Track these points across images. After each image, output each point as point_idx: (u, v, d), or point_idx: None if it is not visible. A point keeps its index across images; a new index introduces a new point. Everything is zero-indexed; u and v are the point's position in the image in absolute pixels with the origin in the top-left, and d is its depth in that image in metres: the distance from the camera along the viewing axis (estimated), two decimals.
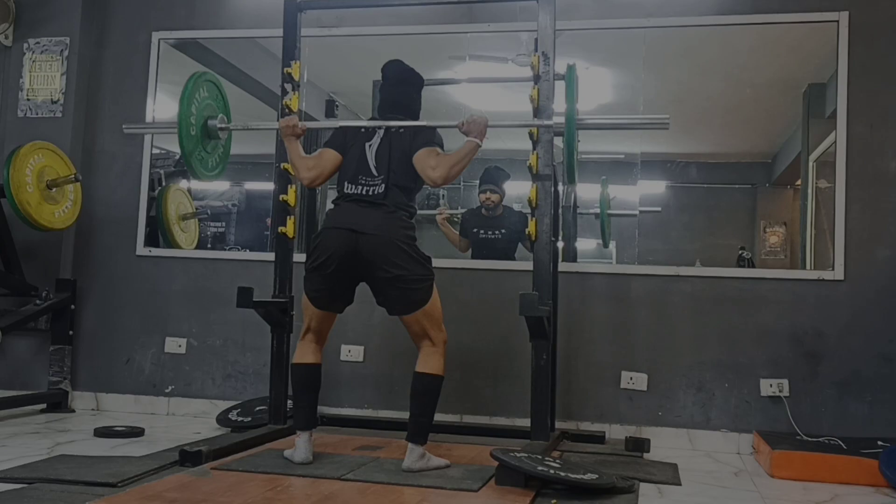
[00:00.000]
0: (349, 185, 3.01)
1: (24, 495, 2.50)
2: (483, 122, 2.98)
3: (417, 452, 2.89)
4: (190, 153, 3.27)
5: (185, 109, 3.22)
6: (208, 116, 3.35)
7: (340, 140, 3.12)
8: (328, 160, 3.09)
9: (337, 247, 2.90)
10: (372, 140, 3.06)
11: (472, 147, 2.95)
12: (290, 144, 3.16)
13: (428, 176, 2.93)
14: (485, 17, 4.27)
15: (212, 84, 3.41)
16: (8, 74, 4.62)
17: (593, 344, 4.02)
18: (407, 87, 3.19)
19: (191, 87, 3.27)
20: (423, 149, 2.97)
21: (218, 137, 3.39)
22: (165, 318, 4.46)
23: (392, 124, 3.07)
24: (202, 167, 3.37)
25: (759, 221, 4.21)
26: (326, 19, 4.37)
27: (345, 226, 2.91)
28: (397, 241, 2.88)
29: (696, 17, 4.08)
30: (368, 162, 3.02)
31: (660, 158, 4.30)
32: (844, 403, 3.77)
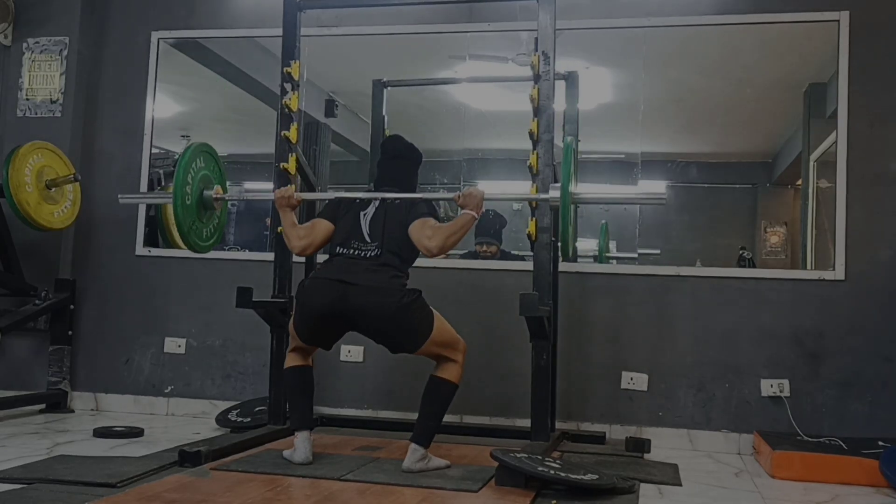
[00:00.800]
0: (340, 248, 3.01)
1: (23, 495, 2.49)
2: (479, 195, 2.99)
3: (419, 454, 2.88)
4: (188, 230, 3.23)
5: (181, 181, 3.18)
6: (204, 187, 3.32)
7: (333, 210, 3.14)
8: (320, 230, 3.10)
9: (324, 302, 2.88)
10: (367, 209, 3.07)
11: (469, 219, 2.96)
12: (284, 214, 3.18)
13: (424, 246, 2.92)
14: (485, 17, 4.27)
15: (208, 154, 3.39)
16: (7, 74, 4.61)
17: (593, 344, 4.02)
18: (404, 162, 3.23)
19: (187, 159, 3.22)
20: (419, 219, 2.97)
21: (213, 208, 3.38)
22: (165, 318, 4.45)
23: (388, 196, 3.07)
24: (197, 238, 3.34)
25: (760, 221, 4.21)
26: (326, 19, 4.36)
27: (334, 277, 2.90)
28: (388, 294, 2.85)
29: (696, 17, 4.08)
30: (362, 228, 3.02)
31: (660, 158, 4.29)
32: (845, 404, 3.77)
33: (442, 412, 2.96)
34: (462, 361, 3.00)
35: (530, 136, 3.38)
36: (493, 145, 4.38)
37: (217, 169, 3.43)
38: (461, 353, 3.00)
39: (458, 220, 2.95)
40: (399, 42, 4.36)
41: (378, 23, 4.36)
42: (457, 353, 2.99)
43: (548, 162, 3.33)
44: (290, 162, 3.59)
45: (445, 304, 3.06)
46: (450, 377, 2.95)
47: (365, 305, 2.85)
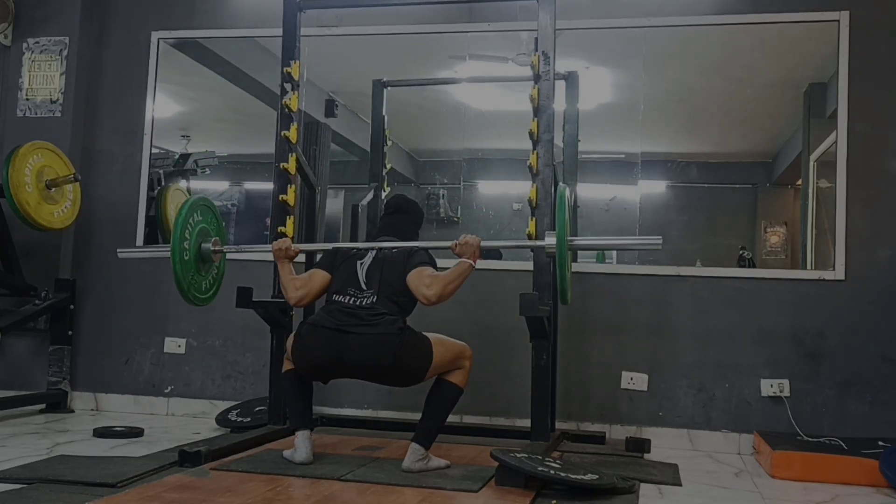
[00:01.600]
0: (337, 296, 3.00)
1: (23, 495, 2.49)
2: (476, 243, 2.97)
3: (419, 454, 2.88)
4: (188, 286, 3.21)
5: (179, 236, 3.15)
6: (202, 241, 3.32)
7: (331, 261, 3.14)
8: (316, 280, 3.10)
9: (322, 353, 2.89)
10: (364, 259, 3.07)
11: (466, 267, 2.95)
12: (283, 266, 3.17)
13: (422, 294, 2.92)
14: (485, 17, 4.27)
15: (205, 207, 3.39)
16: (7, 74, 4.62)
17: (593, 344, 4.02)
18: (405, 216, 3.26)
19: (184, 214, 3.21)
20: (417, 268, 2.97)
21: (212, 260, 3.38)
22: (165, 318, 4.45)
23: (385, 245, 3.08)
24: (196, 293, 3.34)
25: (760, 221, 4.21)
26: (326, 19, 4.36)
27: (332, 326, 2.89)
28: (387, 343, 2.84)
29: (696, 17, 4.08)
30: (359, 277, 3.02)
31: (660, 158, 4.29)
32: (845, 404, 3.77)
33: (445, 415, 2.97)
34: (469, 367, 3.00)
35: (530, 136, 3.38)
36: (493, 145, 4.38)
37: (214, 220, 3.43)
38: (468, 359, 3.01)
39: (455, 269, 2.94)
40: (399, 42, 4.36)
41: (378, 23, 4.36)
42: (463, 361, 2.99)
43: (548, 162, 3.33)
44: (290, 162, 3.60)
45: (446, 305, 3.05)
46: (457, 381, 2.97)
47: (361, 362, 2.86)
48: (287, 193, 3.57)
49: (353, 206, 4.23)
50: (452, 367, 2.97)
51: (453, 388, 2.96)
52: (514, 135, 3.83)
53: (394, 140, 4.32)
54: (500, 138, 4.40)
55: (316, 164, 4.51)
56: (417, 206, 3.35)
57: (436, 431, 2.96)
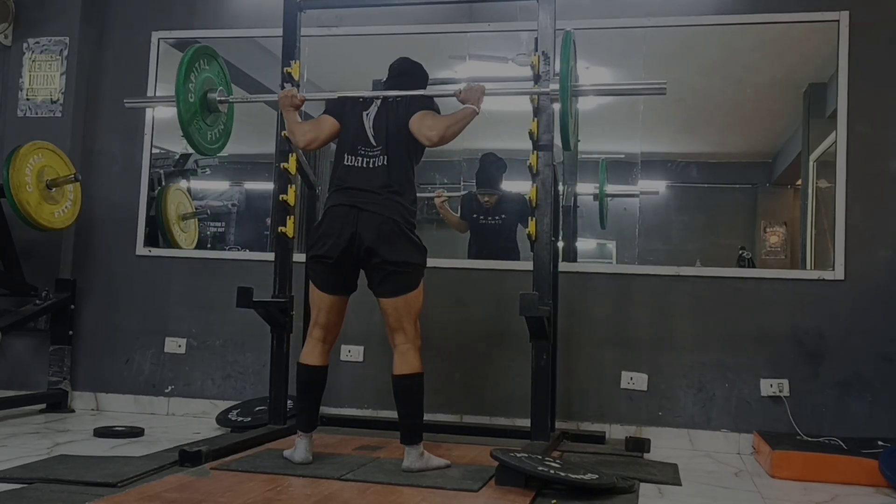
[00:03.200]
0: (349, 157, 3.02)
1: (23, 495, 2.50)
2: (480, 89, 3.02)
3: (416, 452, 2.88)
4: (188, 122, 3.23)
5: (183, 78, 3.18)
6: (208, 89, 3.32)
7: (339, 108, 3.13)
8: (325, 126, 3.11)
9: (341, 228, 2.89)
10: (369, 109, 3.07)
11: (470, 112, 2.99)
12: (289, 114, 3.19)
13: (425, 135, 2.95)
14: (485, 17, 4.27)
15: (211, 57, 3.39)
16: (7, 74, 4.62)
17: (593, 344, 4.02)
18: (408, 79, 3.22)
19: (189, 58, 3.23)
20: (420, 112, 3.00)
21: (218, 111, 3.36)
22: (165, 318, 4.46)
23: (390, 94, 3.09)
24: (201, 138, 3.32)
25: (760, 221, 4.21)
26: (326, 19, 4.37)
27: (346, 202, 2.92)
28: (397, 224, 2.89)
29: (696, 17, 4.08)
30: (367, 131, 3.02)
31: (660, 158, 4.29)
32: (845, 403, 3.77)
33: (419, 405, 2.93)
34: (419, 347, 2.96)
35: (530, 136, 3.38)
36: (493, 145, 4.37)
37: (220, 72, 3.43)
38: (418, 336, 2.97)
39: (459, 112, 2.97)
40: (399, 42, 4.36)
41: (378, 23, 4.36)
42: (415, 334, 2.96)
43: (548, 162, 3.33)
44: (291, 162, 3.60)
45: (445, 304, 3.07)
46: (412, 369, 2.91)
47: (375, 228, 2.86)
48: (287, 193, 3.57)
49: None
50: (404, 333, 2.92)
51: (413, 378, 2.91)
52: (514, 135, 3.83)
53: None
54: (500, 138, 4.40)
55: (316, 165, 4.51)
56: (422, 68, 3.29)
57: (419, 425, 2.93)
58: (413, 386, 2.92)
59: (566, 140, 3.11)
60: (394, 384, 2.93)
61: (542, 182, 3.32)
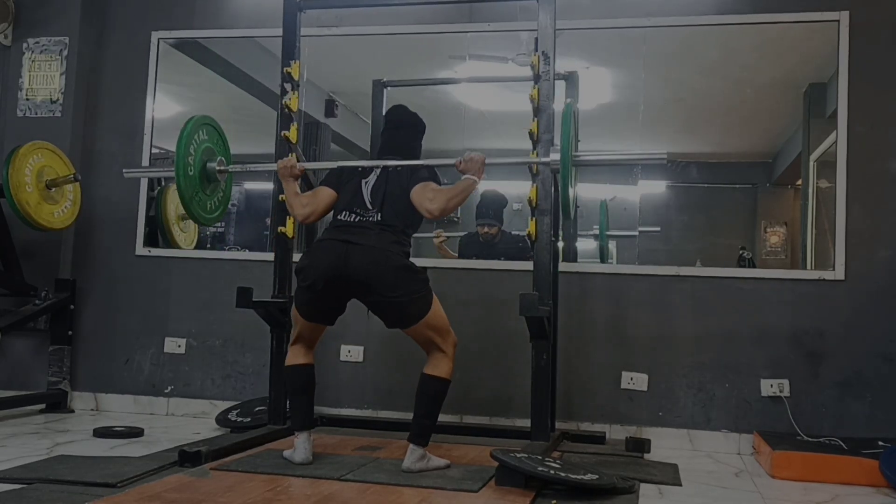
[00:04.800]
0: (344, 213, 3.02)
1: (23, 495, 2.49)
2: (480, 160, 3.01)
3: (418, 453, 2.88)
4: (190, 198, 3.22)
5: (183, 152, 3.17)
6: (207, 160, 3.31)
7: (336, 179, 3.15)
8: (323, 198, 3.11)
9: (327, 264, 2.87)
10: (368, 178, 3.08)
11: (470, 183, 2.99)
12: (287, 184, 3.20)
13: (425, 207, 2.94)
14: (485, 17, 4.27)
15: (210, 127, 3.39)
16: (7, 74, 4.62)
17: (593, 344, 4.02)
18: (408, 130, 3.24)
19: (189, 130, 3.22)
20: (421, 183, 2.99)
21: (217, 180, 3.37)
22: (165, 318, 4.46)
23: (390, 163, 3.08)
24: (202, 210, 3.33)
25: (760, 221, 4.21)
26: (326, 19, 4.37)
27: (337, 237, 2.92)
28: (390, 255, 2.87)
29: (696, 17, 4.08)
30: (364, 196, 3.03)
31: None
32: (845, 404, 3.77)
33: (437, 409, 2.95)
34: (452, 355, 2.99)
35: (530, 136, 3.38)
36: (493, 145, 4.38)
37: (220, 141, 3.42)
38: (452, 345, 2.99)
39: (459, 183, 2.97)
40: (399, 42, 4.36)
41: (378, 23, 4.36)
42: (447, 345, 2.97)
43: None
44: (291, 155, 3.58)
45: (445, 304, 3.06)
46: (441, 373, 2.94)
47: (366, 264, 2.84)
48: None
49: None
50: (437, 345, 2.94)
51: (439, 381, 2.94)
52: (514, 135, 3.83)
53: None
54: (500, 138, 4.41)
55: None
56: (418, 118, 3.28)
57: (430, 428, 2.94)
58: (437, 389, 2.95)
59: (566, 208, 3.11)
60: (420, 381, 2.96)
61: (542, 182, 3.32)
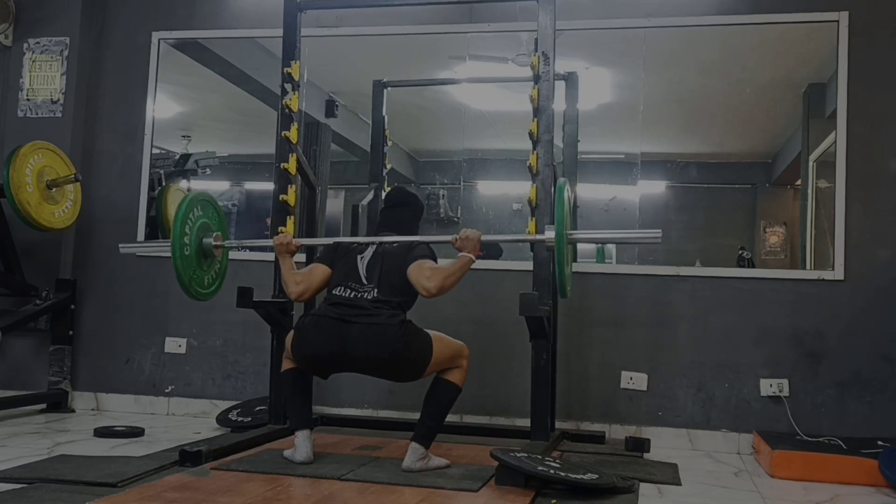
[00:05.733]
0: (339, 288, 3.01)
1: (23, 495, 2.49)
2: (476, 237, 3.00)
3: (419, 453, 2.89)
4: (189, 280, 3.21)
5: (179, 232, 3.15)
6: (203, 236, 3.32)
7: (331, 255, 3.15)
8: (317, 274, 3.11)
9: (324, 344, 2.88)
10: (365, 253, 3.08)
11: (466, 261, 2.98)
12: (284, 261, 3.19)
13: (423, 286, 2.92)
14: (485, 17, 4.27)
15: (206, 202, 3.38)
16: (8, 74, 4.62)
17: (593, 344, 4.02)
18: (405, 210, 3.26)
19: (184, 210, 3.20)
20: (418, 261, 2.98)
21: (213, 255, 3.37)
22: (165, 318, 4.46)
23: (386, 239, 3.09)
24: (199, 287, 3.32)
25: (759, 221, 4.21)
26: (326, 19, 4.37)
27: (333, 315, 2.91)
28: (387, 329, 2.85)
29: (696, 17, 4.08)
30: (359, 271, 3.03)
31: (660, 158, 4.29)
32: (844, 403, 3.77)
33: (444, 413, 2.97)
34: (467, 366, 3.01)
35: (530, 137, 3.38)
36: (493, 145, 4.38)
37: (216, 215, 3.43)
38: (466, 358, 3.01)
39: (456, 262, 2.97)
40: (399, 42, 4.37)
41: (378, 23, 4.36)
42: (461, 360, 3.00)
43: (548, 162, 3.34)
44: (291, 162, 3.60)
45: (445, 304, 3.06)
46: (455, 380, 2.97)
47: (363, 352, 2.86)
48: (287, 193, 3.57)
49: (354, 206, 4.24)
50: (451, 366, 2.98)
51: (451, 387, 2.96)
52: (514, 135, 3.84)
53: (394, 140, 4.33)
54: (500, 138, 4.41)
55: (316, 164, 4.52)
56: (418, 199, 3.34)
57: (435, 431, 2.96)
58: (447, 393, 2.96)
59: (563, 288, 3.10)
60: (432, 383, 2.98)
61: (542, 182, 3.32)
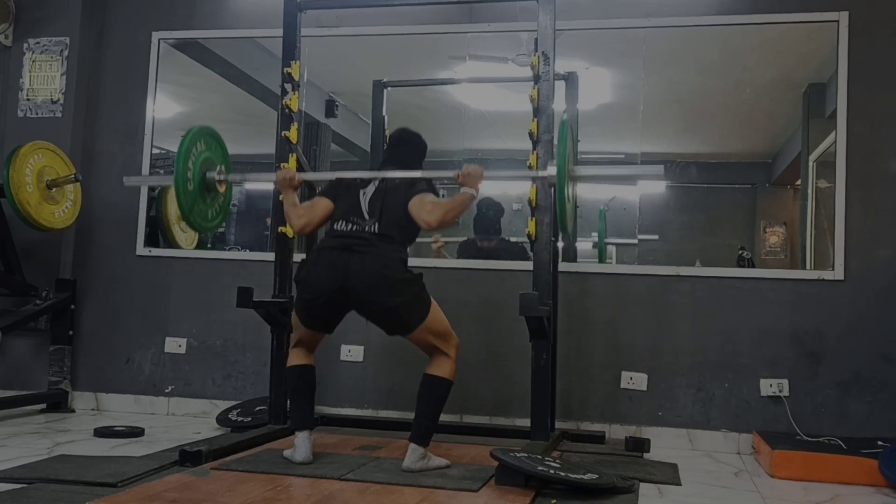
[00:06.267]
0: (340, 223, 3.02)
1: (23, 495, 2.50)
2: (478, 173, 3.00)
3: (419, 453, 2.89)
4: (189, 211, 3.22)
5: (182, 166, 3.15)
6: (206, 170, 3.32)
7: (334, 190, 3.15)
8: (320, 208, 3.12)
9: (326, 278, 2.89)
10: (367, 188, 3.08)
11: (468, 197, 2.98)
12: (286, 195, 3.20)
13: (423, 220, 2.93)
14: (485, 17, 4.27)
15: (210, 137, 3.38)
16: (8, 74, 4.62)
17: (593, 344, 4.02)
18: (408, 148, 3.25)
19: (187, 143, 3.21)
20: (419, 195, 2.99)
21: (217, 190, 3.37)
22: (165, 318, 4.46)
23: (388, 174, 3.08)
24: (201, 220, 3.32)
25: (759, 221, 4.21)
26: (326, 19, 4.37)
27: (336, 246, 2.92)
28: (388, 265, 2.87)
29: (696, 17, 4.08)
30: (361, 206, 3.03)
31: (660, 158, 4.29)
32: (844, 403, 3.77)
33: (439, 410, 2.95)
34: (455, 357, 2.99)
35: (530, 137, 3.38)
36: (493, 145, 4.38)
37: (220, 150, 3.42)
38: (454, 348, 3.00)
39: (458, 197, 2.97)
40: (399, 42, 4.37)
41: (378, 23, 4.36)
42: (450, 348, 2.98)
43: None
44: (291, 162, 3.60)
45: (446, 304, 3.06)
46: (444, 374, 2.95)
47: (364, 275, 2.85)
48: None
49: None
50: (439, 348, 2.95)
51: (442, 382, 2.94)
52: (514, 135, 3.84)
53: None
54: (500, 138, 4.41)
55: (316, 165, 4.52)
56: (421, 139, 3.30)
57: (432, 428, 2.95)
58: (438, 389, 2.95)
59: (563, 224, 3.10)
60: (422, 382, 2.96)
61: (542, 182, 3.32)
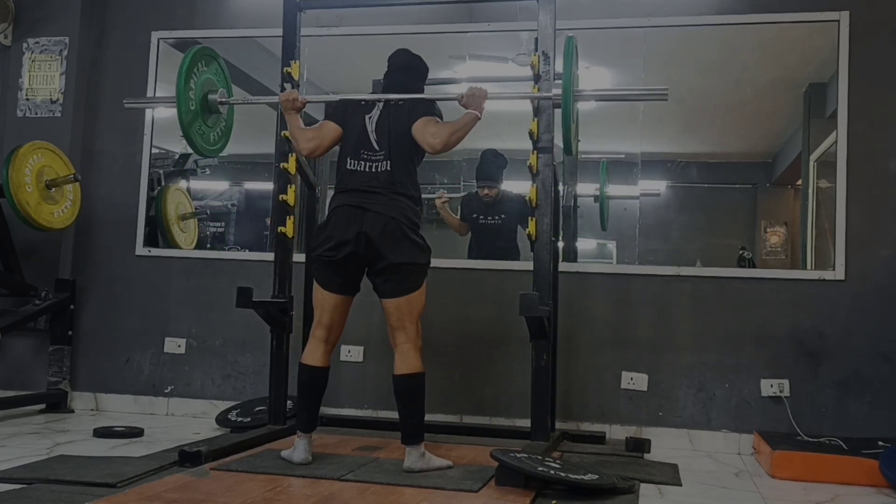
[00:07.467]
0: (352, 161, 3.02)
1: (23, 495, 2.49)
2: (482, 94, 3.02)
3: (417, 453, 2.88)
4: (189, 125, 3.23)
5: (183, 85, 3.18)
6: (208, 91, 3.31)
7: (341, 113, 3.13)
8: (328, 132, 3.11)
9: (347, 227, 2.90)
10: (371, 113, 3.07)
11: (472, 118, 2.99)
12: (291, 117, 3.19)
13: (427, 142, 2.95)
14: (485, 17, 4.27)
15: (211, 58, 3.38)
16: (7, 74, 4.62)
17: (593, 344, 4.02)
18: (410, 73, 3.22)
19: (189, 61, 3.23)
20: (423, 118, 2.99)
21: (219, 112, 3.36)
22: (165, 318, 4.46)
23: (392, 97, 3.08)
24: (202, 140, 3.32)
25: (760, 221, 4.21)
26: (326, 19, 4.37)
27: (352, 203, 2.93)
28: (401, 223, 2.90)
29: (696, 17, 4.08)
30: (370, 135, 3.02)
31: (660, 158, 4.29)
32: (845, 404, 3.77)
33: (421, 405, 2.93)
34: (420, 347, 2.96)
35: (530, 137, 3.38)
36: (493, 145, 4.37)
37: (220, 71, 3.42)
38: (419, 336, 2.97)
39: (461, 118, 2.98)
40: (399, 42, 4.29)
41: (378, 23, 4.36)
42: (414, 332, 2.95)
43: (548, 162, 3.33)
44: (290, 162, 3.60)
45: (445, 304, 3.07)
46: (413, 369, 2.91)
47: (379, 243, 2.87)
48: (287, 193, 3.56)
49: None
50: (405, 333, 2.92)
51: (414, 377, 2.91)
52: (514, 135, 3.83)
53: None
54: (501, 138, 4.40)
55: (316, 165, 4.50)
56: (422, 61, 3.28)
57: (420, 425, 2.92)
58: (414, 386, 2.92)
59: (568, 144, 3.11)
60: (395, 384, 2.93)
61: (542, 182, 3.32)
